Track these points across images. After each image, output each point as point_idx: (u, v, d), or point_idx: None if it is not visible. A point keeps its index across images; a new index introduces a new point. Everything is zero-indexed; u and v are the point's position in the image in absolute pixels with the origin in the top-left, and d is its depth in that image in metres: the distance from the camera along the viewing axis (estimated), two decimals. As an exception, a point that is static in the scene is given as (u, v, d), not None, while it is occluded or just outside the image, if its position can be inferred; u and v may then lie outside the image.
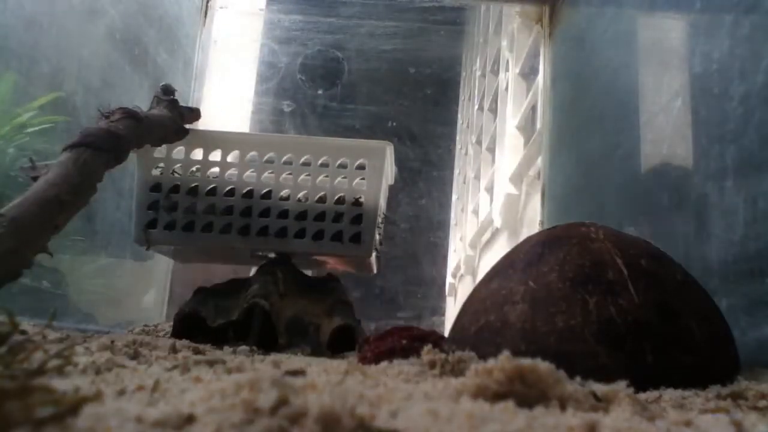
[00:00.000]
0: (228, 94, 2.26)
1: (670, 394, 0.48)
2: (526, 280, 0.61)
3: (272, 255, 1.06)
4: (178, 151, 1.01)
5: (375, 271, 1.18)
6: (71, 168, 0.73)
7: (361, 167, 1.02)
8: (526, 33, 2.01)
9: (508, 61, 2.24)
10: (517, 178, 2.05)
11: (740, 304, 0.71)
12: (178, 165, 1.01)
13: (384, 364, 0.51)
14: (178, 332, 0.93)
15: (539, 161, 1.73)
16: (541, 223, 1.64)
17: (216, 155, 1.01)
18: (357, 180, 1.02)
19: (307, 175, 1.01)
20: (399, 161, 1.12)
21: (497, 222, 2.16)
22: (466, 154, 3.05)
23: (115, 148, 0.80)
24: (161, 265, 1.73)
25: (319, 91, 2.62)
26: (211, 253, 1.13)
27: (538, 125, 1.75)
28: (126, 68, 1.46)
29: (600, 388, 0.38)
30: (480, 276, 0.78)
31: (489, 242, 2.40)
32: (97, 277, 1.41)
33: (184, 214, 1.00)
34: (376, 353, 0.58)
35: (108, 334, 0.87)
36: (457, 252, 2.98)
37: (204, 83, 1.93)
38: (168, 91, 0.98)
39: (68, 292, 1.26)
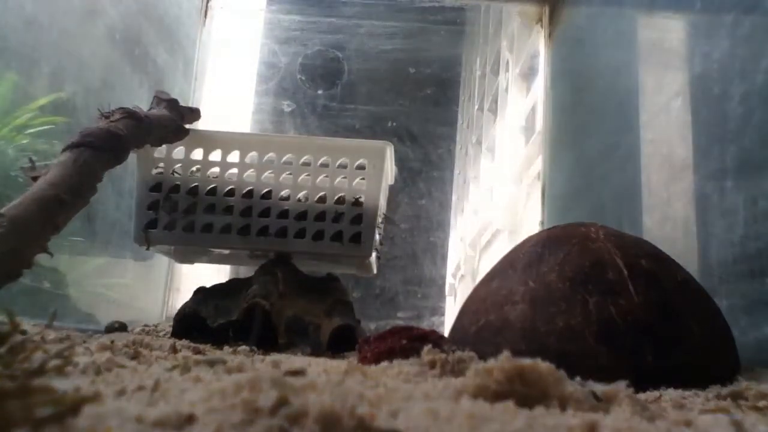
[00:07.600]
0: (228, 94, 2.25)
1: (670, 394, 0.48)
2: (526, 280, 0.61)
3: (272, 255, 1.06)
4: (178, 151, 1.01)
5: (375, 271, 1.18)
6: (71, 168, 0.73)
7: (361, 167, 1.02)
8: (526, 33, 2.01)
9: (508, 62, 2.24)
10: (517, 178, 2.05)
11: (740, 304, 0.71)
12: (178, 165, 1.01)
13: (384, 364, 0.51)
14: (178, 332, 0.93)
15: (539, 161, 1.73)
16: (541, 223, 1.64)
17: (216, 155, 1.01)
18: (357, 180, 1.02)
19: (307, 175, 1.01)
20: (399, 161, 1.12)
21: (497, 222, 2.16)
22: (466, 154, 3.05)
23: (115, 148, 0.80)
24: (161, 265, 1.73)
25: (319, 91, 2.61)
26: (211, 253, 1.13)
27: (538, 125, 1.75)
28: (126, 68, 1.46)
29: (600, 388, 0.38)
30: (480, 276, 0.78)
31: (489, 242, 2.39)
32: (97, 277, 1.41)
33: (184, 214, 1.00)
34: (376, 353, 0.58)
35: (108, 334, 0.87)
36: (457, 252, 2.98)
37: (204, 83, 1.93)
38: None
39: (68, 292, 1.25)
